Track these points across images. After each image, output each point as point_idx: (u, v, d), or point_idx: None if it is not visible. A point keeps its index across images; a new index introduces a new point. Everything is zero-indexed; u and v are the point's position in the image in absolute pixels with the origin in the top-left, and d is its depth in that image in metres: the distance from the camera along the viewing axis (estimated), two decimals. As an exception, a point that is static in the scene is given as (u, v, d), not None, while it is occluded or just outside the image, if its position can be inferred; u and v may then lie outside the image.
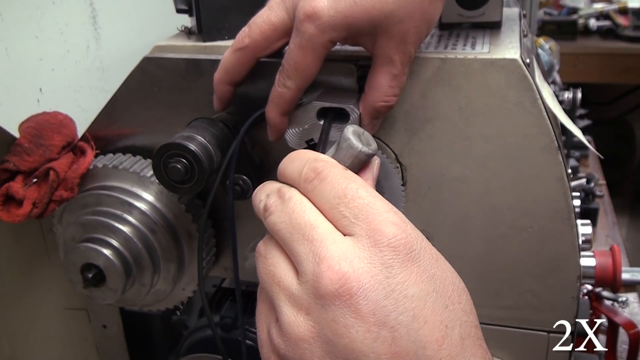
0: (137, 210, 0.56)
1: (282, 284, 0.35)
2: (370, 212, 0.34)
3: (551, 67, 1.54)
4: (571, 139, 1.42)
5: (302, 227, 0.35)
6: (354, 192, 0.35)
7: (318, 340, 0.33)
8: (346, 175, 0.36)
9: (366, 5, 0.42)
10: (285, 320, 0.34)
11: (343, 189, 0.35)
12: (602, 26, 2.51)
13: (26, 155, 0.54)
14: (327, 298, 0.33)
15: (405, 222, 0.35)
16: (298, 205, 0.36)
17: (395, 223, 0.34)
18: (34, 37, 0.58)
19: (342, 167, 0.37)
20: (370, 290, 0.32)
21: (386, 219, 0.34)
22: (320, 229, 0.35)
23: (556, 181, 0.50)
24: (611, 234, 1.37)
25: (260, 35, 0.46)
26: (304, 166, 0.37)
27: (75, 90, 0.64)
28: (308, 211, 0.36)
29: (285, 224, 0.36)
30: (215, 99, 0.51)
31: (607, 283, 0.72)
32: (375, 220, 0.34)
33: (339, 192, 0.35)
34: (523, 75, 0.48)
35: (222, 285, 0.73)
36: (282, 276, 0.36)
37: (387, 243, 0.33)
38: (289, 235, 0.35)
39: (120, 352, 0.71)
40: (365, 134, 0.41)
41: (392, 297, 0.33)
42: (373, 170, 0.41)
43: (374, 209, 0.34)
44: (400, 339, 0.32)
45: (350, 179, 0.36)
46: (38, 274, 0.70)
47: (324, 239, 0.34)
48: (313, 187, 0.36)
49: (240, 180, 0.53)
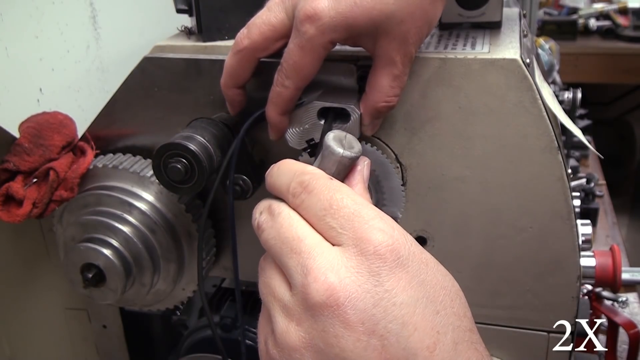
0: (137, 210, 0.56)
1: (276, 296, 0.36)
2: (356, 221, 0.35)
3: (551, 67, 1.54)
4: (571, 139, 1.42)
5: (290, 240, 0.36)
6: (339, 203, 0.35)
7: (310, 350, 0.34)
8: (331, 186, 0.36)
9: (367, 6, 0.42)
10: (278, 330, 0.35)
11: (329, 200, 0.36)
12: (602, 26, 2.51)
13: (26, 155, 0.54)
14: (316, 309, 0.33)
15: (392, 227, 0.35)
16: (286, 220, 0.37)
17: (382, 229, 0.34)
18: (34, 37, 0.58)
19: (328, 178, 0.37)
20: (357, 299, 0.33)
21: (372, 226, 0.34)
22: (308, 240, 0.35)
23: (556, 181, 0.50)
24: (611, 234, 1.37)
25: (260, 36, 0.46)
26: (292, 180, 0.38)
27: (75, 90, 0.64)
28: (295, 225, 0.36)
29: (275, 240, 0.37)
30: (228, 104, 0.51)
31: (607, 283, 0.72)
32: (361, 229, 0.34)
33: (325, 203, 0.36)
34: (523, 75, 0.48)
35: (222, 285, 0.73)
36: (276, 288, 0.36)
37: (373, 251, 0.34)
38: (279, 250, 0.36)
39: (120, 352, 0.71)
40: (347, 138, 0.41)
41: (381, 305, 0.33)
42: (363, 172, 0.41)
43: (360, 217, 0.35)
44: (390, 347, 0.32)
45: (335, 190, 0.36)
46: (38, 274, 0.70)
47: (312, 251, 0.35)
48: (301, 200, 0.37)
49: (240, 180, 0.53)
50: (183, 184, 0.50)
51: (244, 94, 0.50)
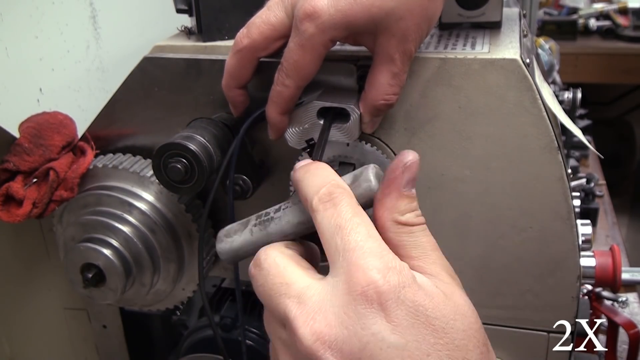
0: (137, 210, 0.56)
1: (276, 334, 0.37)
2: (355, 253, 0.34)
3: (551, 67, 1.54)
4: (571, 139, 1.42)
5: (278, 288, 0.36)
6: (352, 226, 0.35)
7: None
8: (355, 210, 0.36)
9: (366, 3, 0.42)
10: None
11: (346, 220, 0.35)
12: (602, 26, 2.51)
13: (26, 155, 0.55)
14: (307, 352, 0.33)
15: (389, 268, 0.33)
16: (273, 268, 0.37)
17: (375, 268, 0.33)
18: (34, 37, 0.58)
19: (356, 202, 0.37)
20: (344, 342, 0.32)
21: (367, 264, 0.33)
22: (296, 286, 0.35)
23: (556, 181, 0.50)
24: (611, 234, 1.37)
25: (259, 35, 0.46)
26: (324, 186, 0.37)
27: (75, 90, 0.64)
28: (282, 271, 0.36)
29: (264, 287, 0.37)
30: (230, 105, 0.51)
31: (607, 283, 0.72)
32: (356, 264, 0.33)
33: (341, 222, 0.35)
34: (523, 75, 0.48)
35: (222, 285, 0.73)
36: (277, 327, 0.37)
37: (360, 291, 0.33)
38: (268, 299, 0.36)
39: (120, 352, 0.71)
40: (380, 175, 0.40)
41: (368, 349, 0.32)
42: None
43: (361, 251, 0.34)
44: None
45: (356, 214, 0.36)
46: (38, 274, 0.70)
47: (301, 295, 0.35)
48: (325, 208, 0.36)
49: (240, 180, 0.53)
50: (183, 184, 0.50)
51: (246, 94, 0.50)
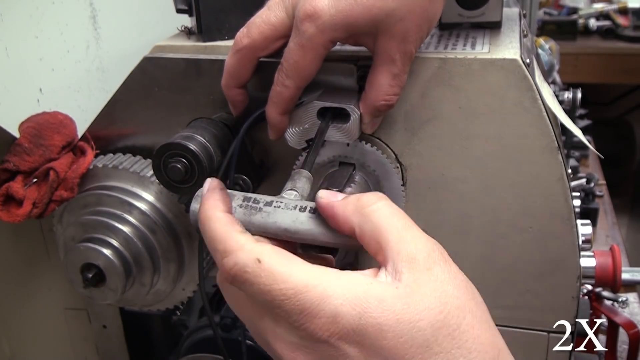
0: (137, 210, 0.56)
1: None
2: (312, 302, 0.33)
3: (551, 67, 1.54)
4: (571, 139, 1.41)
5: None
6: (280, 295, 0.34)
7: None
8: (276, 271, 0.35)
9: (367, 4, 0.42)
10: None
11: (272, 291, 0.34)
12: (602, 26, 2.50)
13: (26, 155, 0.55)
14: None
15: (336, 315, 0.32)
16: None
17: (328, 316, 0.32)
18: (34, 37, 0.58)
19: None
20: None
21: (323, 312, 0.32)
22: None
23: (556, 181, 0.50)
24: (611, 234, 1.37)
25: (259, 35, 0.46)
26: (226, 269, 0.35)
27: (75, 90, 0.64)
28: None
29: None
30: (230, 105, 0.51)
31: (607, 283, 0.72)
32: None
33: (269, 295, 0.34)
34: (523, 75, 0.48)
35: (222, 285, 0.73)
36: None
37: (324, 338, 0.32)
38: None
39: (120, 352, 0.71)
40: None
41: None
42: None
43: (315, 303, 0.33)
44: None
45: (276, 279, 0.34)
46: (38, 274, 0.70)
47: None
48: (241, 286, 0.35)
49: (240, 180, 0.53)
50: (183, 184, 0.50)
51: (246, 94, 0.50)
